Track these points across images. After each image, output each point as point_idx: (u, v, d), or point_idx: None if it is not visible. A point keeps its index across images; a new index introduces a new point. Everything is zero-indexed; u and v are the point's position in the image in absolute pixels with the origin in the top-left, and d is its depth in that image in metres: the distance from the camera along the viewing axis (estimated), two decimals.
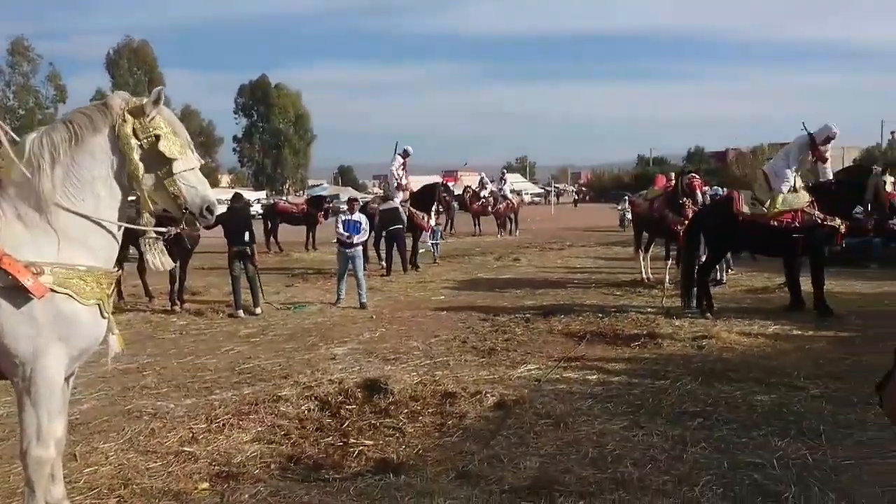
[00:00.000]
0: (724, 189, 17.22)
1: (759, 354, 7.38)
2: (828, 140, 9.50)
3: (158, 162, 3.36)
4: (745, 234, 9.55)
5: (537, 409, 5.56)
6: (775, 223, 9.21)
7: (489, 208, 26.79)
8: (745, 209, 9.37)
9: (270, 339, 8.73)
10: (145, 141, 3.33)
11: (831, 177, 9.76)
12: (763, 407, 5.55)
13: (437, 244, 17.73)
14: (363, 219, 11.64)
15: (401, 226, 14.76)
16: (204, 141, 73.74)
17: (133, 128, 3.31)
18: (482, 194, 27.53)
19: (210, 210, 3.50)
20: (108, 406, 5.92)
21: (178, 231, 3.88)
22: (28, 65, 58.27)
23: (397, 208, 14.88)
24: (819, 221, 9.08)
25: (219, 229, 10.65)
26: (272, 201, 28.58)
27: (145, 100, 3.40)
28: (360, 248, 11.39)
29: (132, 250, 9.51)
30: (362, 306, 10.71)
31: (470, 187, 29.87)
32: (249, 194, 55.66)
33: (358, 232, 11.22)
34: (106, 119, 3.32)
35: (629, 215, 23.26)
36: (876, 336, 7.85)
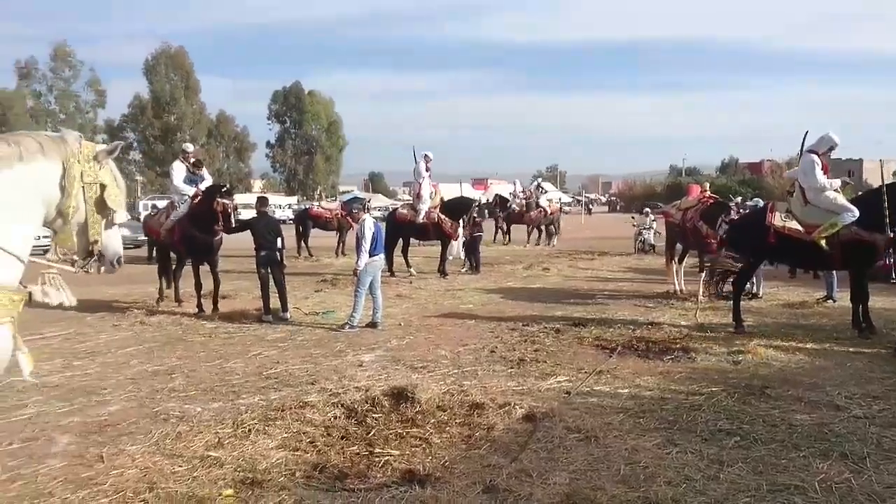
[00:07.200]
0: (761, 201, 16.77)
1: (797, 371, 7.15)
2: (831, 149, 9.16)
3: (98, 208, 3.44)
4: (779, 247, 9.21)
5: (567, 423, 5.43)
6: (809, 236, 8.84)
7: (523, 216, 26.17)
8: (778, 222, 9.07)
9: (298, 344, 8.71)
10: (91, 186, 3.38)
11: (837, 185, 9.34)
12: (803, 427, 5.35)
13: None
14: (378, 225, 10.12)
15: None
16: (238, 147, 74.78)
17: (82, 170, 3.34)
18: (510, 204, 26.74)
19: (119, 262, 3.71)
20: (137, 408, 5.94)
21: (84, 269, 3.70)
22: (69, 70, 59.90)
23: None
24: (858, 236, 8.74)
25: (247, 233, 10.72)
26: (304, 206, 28.66)
27: (99, 147, 3.48)
28: (381, 257, 10.09)
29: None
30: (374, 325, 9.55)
31: (499, 195, 29.23)
32: (281, 199, 56.46)
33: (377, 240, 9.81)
34: (59, 152, 3.29)
35: (647, 235, 21.97)
36: None
